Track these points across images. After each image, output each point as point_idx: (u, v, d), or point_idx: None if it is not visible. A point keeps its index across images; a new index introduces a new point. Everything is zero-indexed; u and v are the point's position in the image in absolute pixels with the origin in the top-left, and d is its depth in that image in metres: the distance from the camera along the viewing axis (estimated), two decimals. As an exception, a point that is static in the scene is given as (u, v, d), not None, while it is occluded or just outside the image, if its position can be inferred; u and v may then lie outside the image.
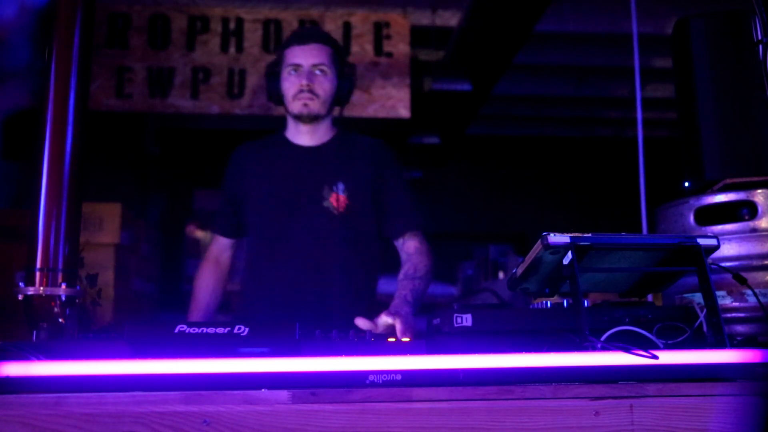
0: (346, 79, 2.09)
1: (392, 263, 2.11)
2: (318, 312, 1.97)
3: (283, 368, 1.08)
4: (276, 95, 2.10)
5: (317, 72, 2.03)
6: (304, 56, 2.03)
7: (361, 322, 1.62)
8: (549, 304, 1.33)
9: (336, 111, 2.15)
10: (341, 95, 2.09)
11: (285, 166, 2.11)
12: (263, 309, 2.04)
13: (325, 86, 2.04)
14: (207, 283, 2.16)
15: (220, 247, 2.20)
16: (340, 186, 2.05)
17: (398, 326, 1.60)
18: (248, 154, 2.18)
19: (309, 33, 2.13)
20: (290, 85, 2.05)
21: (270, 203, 2.08)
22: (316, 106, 2.04)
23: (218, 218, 2.21)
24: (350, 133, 2.19)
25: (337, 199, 2.03)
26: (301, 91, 2.02)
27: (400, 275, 1.99)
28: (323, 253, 2.02)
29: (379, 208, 2.08)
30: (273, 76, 2.10)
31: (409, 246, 2.06)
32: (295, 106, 2.05)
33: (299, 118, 2.07)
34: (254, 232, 2.12)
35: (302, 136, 2.11)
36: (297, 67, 2.03)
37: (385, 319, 1.63)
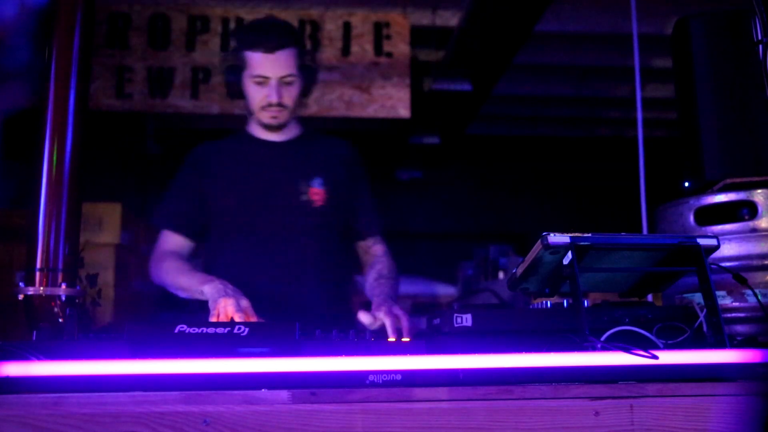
0: (310, 73, 2.02)
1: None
2: (297, 308, 1.92)
3: (283, 368, 1.08)
4: (237, 93, 2.00)
5: (285, 83, 1.93)
6: (272, 68, 1.91)
7: (364, 317, 1.61)
8: (549, 304, 1.33)
9: (299, 103, 2.07)
10: (306, 92, 2.04)
11: (254, 162, 2.03)
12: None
13: (293, 94, 1.96)
14: (180, 264, 1.93)
15: (176, 247, 2.00)
16: (318, 180, 2.01)
17: (404, 323, 1.59)
18: (210, 152, 2.07)
19: (274, 36, 1.92)
20: (256, 95, 1.95)
21: (243, 199, 1.99)
22: (284, 117, 1.99)
23: (176, 215, 2.02)
24: (316, 131, 2.15)
25: (315, 192, 2.00)
26: (270, 105, 1.94)
27: (373, 274, 1.97)
28: (302, 248, 1.98)
29: (350, 210, 2.07)
30: (233, 71, 1.97)
31: (376, 249, 2.07)
32: (263, 117, 1.98)
33: (267, 127, 2.02)
34: (222, 232, 2.01)
35: (269, 134, 2.06)
36: (264, 79, 1.92)
37: (388, 318, 1.61)
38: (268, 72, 1.92)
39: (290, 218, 1.99)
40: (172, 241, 2.01)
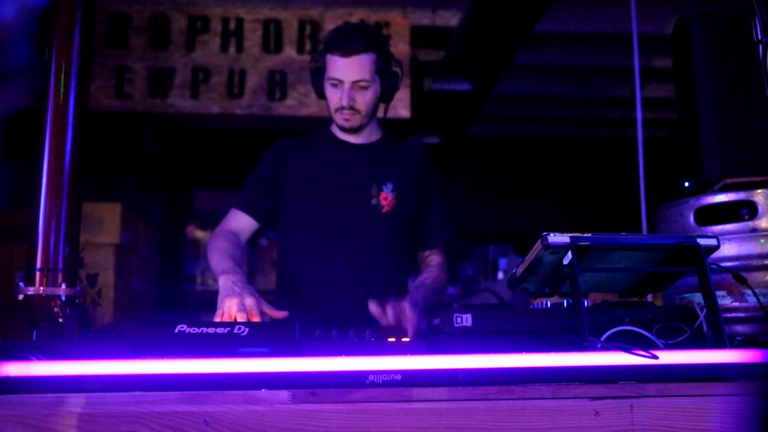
0: (391, 78, 2.05)
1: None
2: (355, 308, 1.88)
3: (283, 368, 1.08)
4: (321, 95, 2.07)
5: (359, 88, 1.98)
6: (345, 72, 1.97)
7: (374, 308, 1.63)
8: (549, 304, 1.33)
9: (381, 109, 2.12)
10: (385, 97, 2.07)
11: (332, 161, 2.09)
12: (304, 304, 2.00)
13: (367, 99, 2.01)
14: (225, 244, 1.96)
15: (239, 225, 2.06)
16: (389, 185, 2.06)
17: (407, 318, 1.59)
18: (292, 146, 2.14)
19: (351, 42, 1.97)
20: (332, 96, 2.02)
21: (314, 195, 2.05)
22: (357, 121, 2.03)
23: (248, 197, 2.09)
24: (395, 136, 2.20)
25: (385, 198, 2.05)
26: (342, 107, 2.00)
27: (416, 282, 1.98)
28: (367, 250, 2.02)
29: (417, 217, 2.10)
30: (317, 73, 2.05)
31: (432, 260, 2.10)
32: (337, 119, 2.05)
33: (343, 129, 2.08)
34: (293, 224, 2.07)
35: (348, 135, 2.11)
36: (338, 81, 1.98)
37: (391, 312, 1.61)
38: (341, 75, 1.97)
39: (358, 220, 2.03)
40: (236, 219, 2.07)
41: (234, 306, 1.60)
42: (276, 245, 2.15)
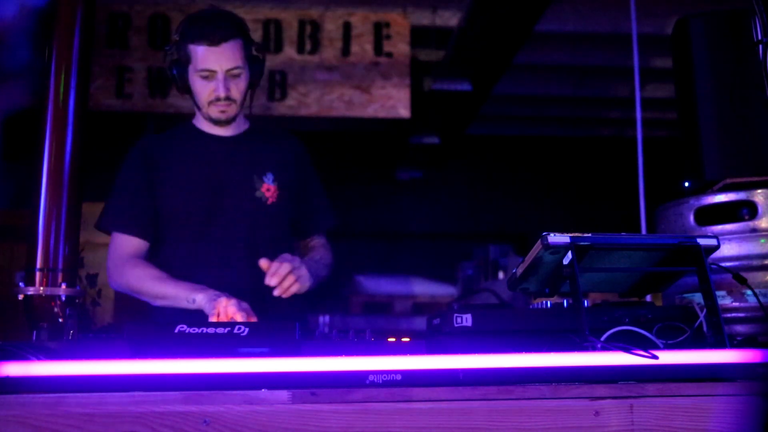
0: (257, 64, 1.96)
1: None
2: (252, 301, 1.79)
3: (283, 368, 1.08)
4: (183, 88, 1.93)
5: (232, 76, 1.88)
6: (218, 61, 1.85)
7: (264, 263, 1.68)
8: (549, 304, 1.33)
9: (247, 97, 2.00)
10: (253, 84, 1.97)
11: (206, 156, 1.97)
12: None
13: (240, 87, 1.91)
14: (155, 272, 1.86)
15: (134, 250, 1.91)
16: (270, 176, 1.98)
17: (281, 269, 1.66)
18: (157, 145, 2.00)
19: (217, 29, 1.85)
20: (203, 90, 1.89)
21: (194, 193, 1.93)
22: (233, 111, 1.93)
23: (127, 218, 1.92)
24: (263, 125, 2.10)
25: (267, 189, 1.97)
26: (218, 99, 1.88)
27: (306, 258, 1.96)
28: (256, 244, 1.93)
29: (298, 206, 2.04)
30: (177, 65, 1.90)
31: (315, 243, 2.08)
32: (212, 112, 1.92)
33: (215, 121, 1.96)
34: (173, 232, 1.94)
35: (217, 128, 1.99)
36: (210, 72, 1.86)
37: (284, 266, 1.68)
38: (213, 65, 1.86)
39: (244, 213, 1.94)
40: (129, 244, 1.92)
41: (231, 306, 1.59)
42: (153, 256, 1.98)
